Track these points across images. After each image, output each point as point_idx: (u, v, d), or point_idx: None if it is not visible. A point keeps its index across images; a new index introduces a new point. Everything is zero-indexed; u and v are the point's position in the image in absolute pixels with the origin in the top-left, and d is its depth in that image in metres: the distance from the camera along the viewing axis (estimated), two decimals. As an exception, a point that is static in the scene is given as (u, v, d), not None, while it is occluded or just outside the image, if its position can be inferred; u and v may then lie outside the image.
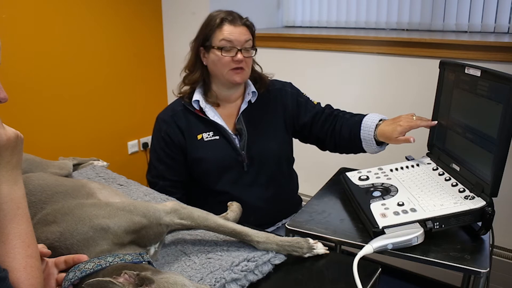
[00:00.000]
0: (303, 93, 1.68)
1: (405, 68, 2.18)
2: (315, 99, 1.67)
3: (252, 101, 1.60)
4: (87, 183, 1.12)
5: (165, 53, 2.98)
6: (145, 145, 2.96)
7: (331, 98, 1.69)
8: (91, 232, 0.88)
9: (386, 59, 2.22)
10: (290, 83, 1.70)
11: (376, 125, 1.46)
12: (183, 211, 1.05)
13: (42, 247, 0.84)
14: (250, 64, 1.55)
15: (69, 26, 2.39)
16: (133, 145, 2.90)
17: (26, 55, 2.23)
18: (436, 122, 1.37)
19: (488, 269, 1.01)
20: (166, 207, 1.03)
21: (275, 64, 1.65)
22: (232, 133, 1.56)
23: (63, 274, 0.83)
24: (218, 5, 2.58)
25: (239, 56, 1.48)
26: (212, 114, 1.55)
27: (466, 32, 2.27)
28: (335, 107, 1.65)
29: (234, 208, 1.27)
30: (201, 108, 1.55)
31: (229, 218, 1.21)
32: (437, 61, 1.38)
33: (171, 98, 3.07)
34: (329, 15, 2.72)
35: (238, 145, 1.55)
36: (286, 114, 1.63)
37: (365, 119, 1.51)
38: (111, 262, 0.82)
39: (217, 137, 1.54)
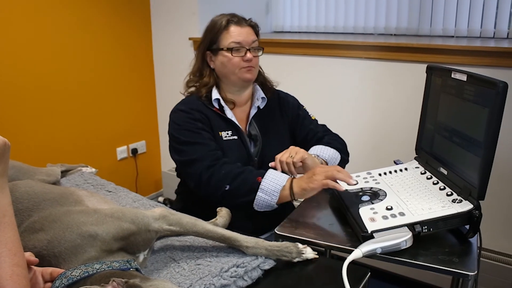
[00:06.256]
0: (303, 107, 1.70)
1: (393, 73, 2.20)
2: (313, 115, 1.69)
3: (261, 107, 1.60)
4: (75, 191, 1.12)
5: (154, 59, 2.98)
6: (134, 151, 2.95)
7: (320, 103, 1.70)
8: (79, 240, 0.87)
9: (374, 64, 2.24)
10: (293, 96, 1.72)
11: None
12: (171, 217, 1.05)
13: (29, 255, 0.83)
14: (258, 64, 1.57)
15: (58, 33, 2.37)
16: (122, 151, 2.89)
17: (14, 61, 2.21)
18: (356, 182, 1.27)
19: (476, 271, 1.02)
20: (154, 213, 1.03)
21: (264, 69, 1.65)
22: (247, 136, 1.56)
23: (50, 284, 0.82)
24: (207, 9, 2.59)
25: (249, 55, 1.50)
26: (230, 114, 1.54)
27: (453, 37, 2.30)
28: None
29: (223, 213, 1.27)
30: (221, 107, 1.53)
31: (218, 224, 1.21)
32: (425, 66, 1.39)
33: (160, 104, 3.08)
34: (317, 20, 2.74)
35: (251, 150, 1.55)
36: (289, 123, 1.65)
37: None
38: (98, 269, 0.81)
39: (235, 137, 1.53)
